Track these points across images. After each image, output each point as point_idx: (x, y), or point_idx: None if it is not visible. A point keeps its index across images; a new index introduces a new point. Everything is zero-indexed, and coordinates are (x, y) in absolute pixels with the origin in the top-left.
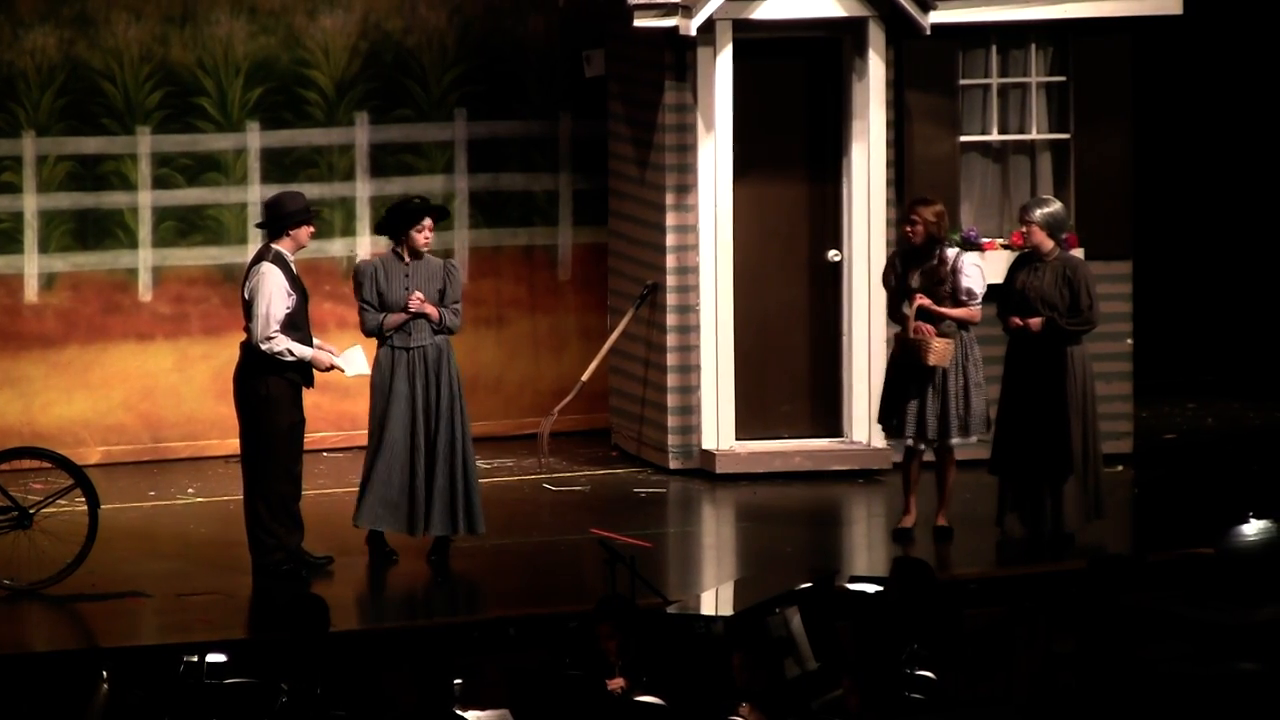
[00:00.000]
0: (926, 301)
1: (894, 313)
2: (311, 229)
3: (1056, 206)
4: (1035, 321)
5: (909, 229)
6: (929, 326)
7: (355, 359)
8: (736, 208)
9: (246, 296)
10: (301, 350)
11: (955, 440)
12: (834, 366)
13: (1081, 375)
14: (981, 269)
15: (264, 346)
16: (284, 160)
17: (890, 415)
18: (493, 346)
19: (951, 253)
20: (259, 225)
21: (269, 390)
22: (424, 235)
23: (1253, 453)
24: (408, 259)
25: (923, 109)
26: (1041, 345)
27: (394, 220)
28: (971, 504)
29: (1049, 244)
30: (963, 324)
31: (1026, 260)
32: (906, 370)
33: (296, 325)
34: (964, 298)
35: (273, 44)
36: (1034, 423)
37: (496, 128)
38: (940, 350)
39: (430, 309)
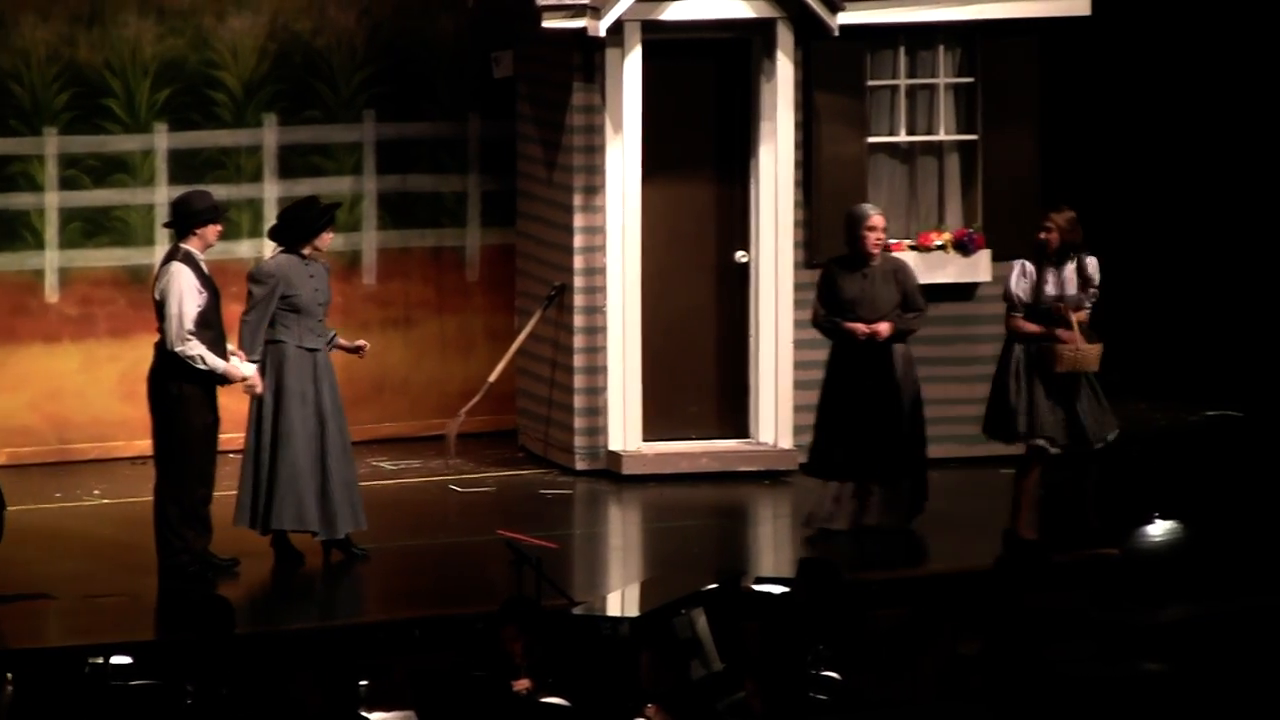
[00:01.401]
0: (1080, 314)
1: (1016, 320)
2: (219, 228)
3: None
4: (884, 327)
5: (1044, 235)
6: (1077, 334)
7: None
8: (645, 209)
9: (158, 297)
10: (214, 361)
11: (1109, 437)
12: (741, 368)
13: (905, 373)
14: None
15: (178, 349)
16: (192, 161)
17: (1024, 422)
18: (400, 347)
19: (1080, 257)
20: (166, 225)
21: (181, 391)
22: (331, 236)
23: (1158, 454)
24: (309, 260)
25: (831, 110)
26: (870, 346)
27: (308, 220)
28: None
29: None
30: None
31: (848, 265)
32: (1047, 379)
33: (209, 324)
34: (1088, 301)
35: (181, 45)
36: (863, 423)
37: (405, 129)
38: (1100, 354)
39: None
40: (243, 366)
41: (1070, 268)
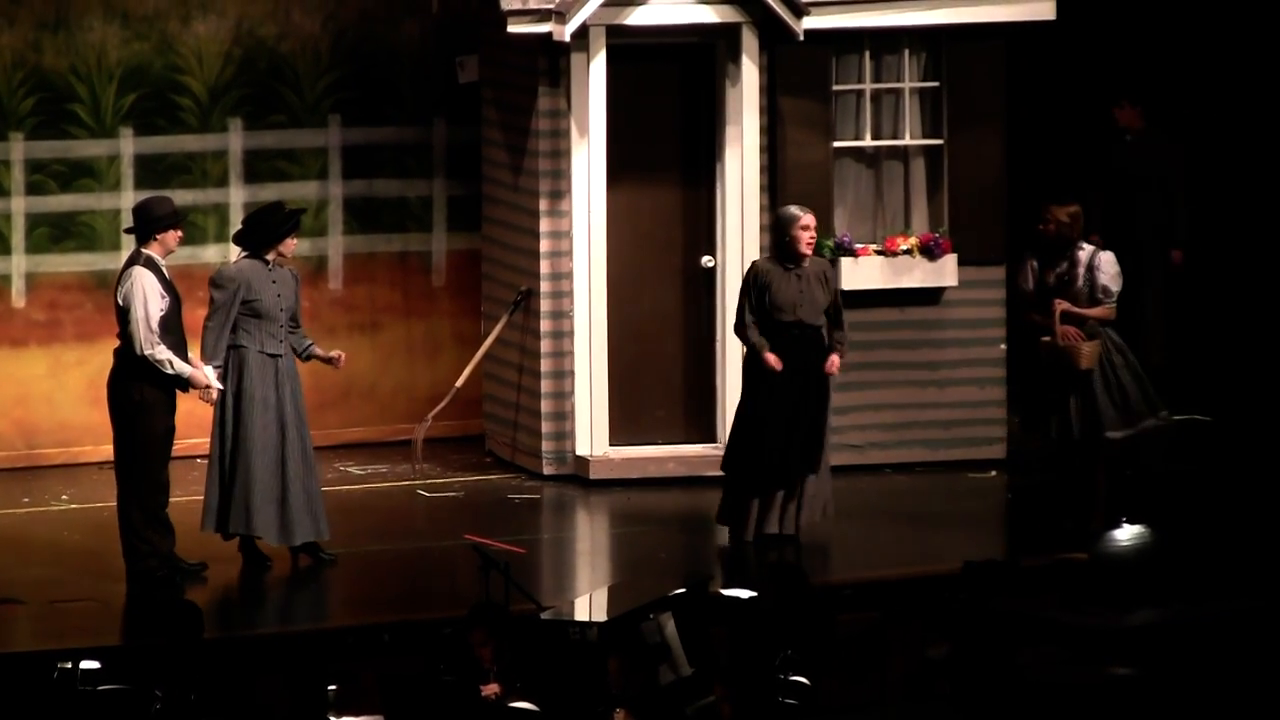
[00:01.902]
0: (1067, 306)
1: (1029, 315)
2: (180, 233)
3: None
4: (836, 362)
5: (1041, 227)
6: (1075, 330)
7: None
8: (610, 213)
9: (120, 303)
10: (181, 366)
11: (1118, 434)
12: (707, 372)
13: (827, 379)
14: (1118, 267)
15: (147, 353)
16: (157, 166)
17: (1043, 421)
18: (367, 352)
19: (1085, 252)
20: (128, 231)
21: (143, 396)
22: (295, 241)
23: (1126, 457)
24: (273, 265)
25: (796, 114)
26: (810, 351)
27: (272, 225)
28: (844, 508)
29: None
30: (1102, 322)
31: (781, 266)
32: (1053, 375)
33: (170, 329)
34: (1100, 295)
35: (146, 50)
36: (793, 426)
37: (370, 134)
38: (1090, 353)
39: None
40: (193, 376)
41: (1072, 260)
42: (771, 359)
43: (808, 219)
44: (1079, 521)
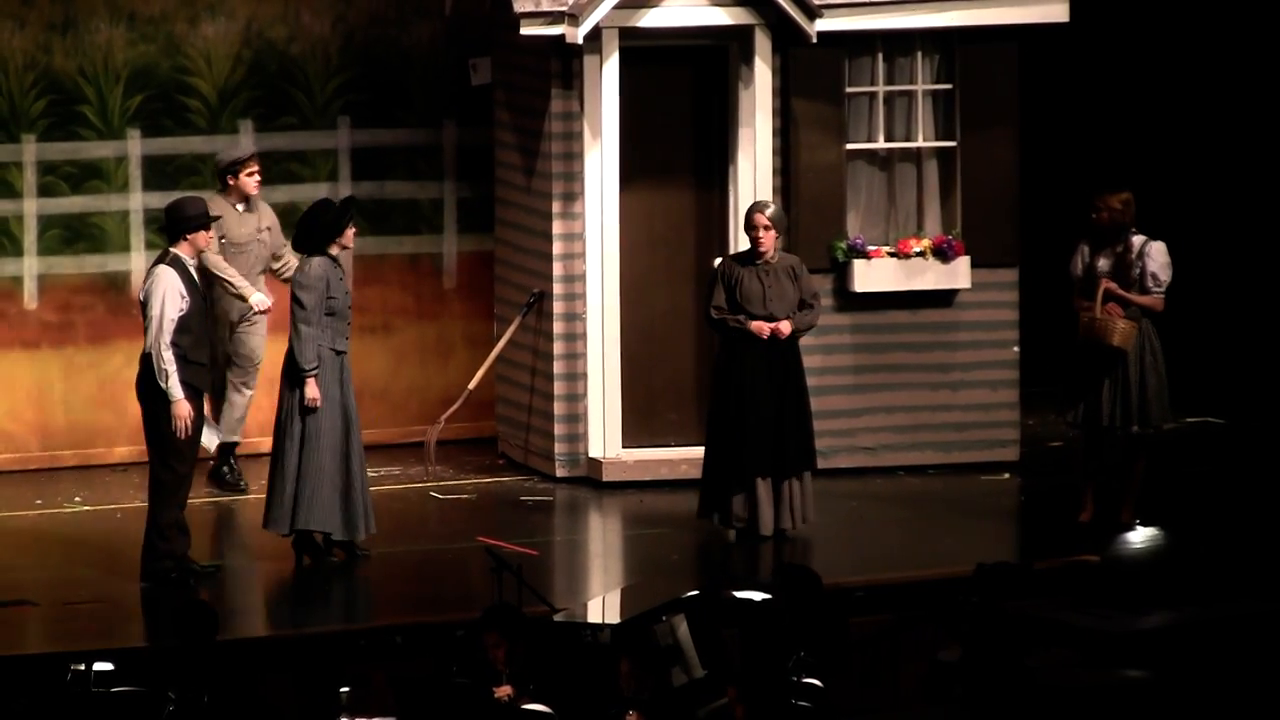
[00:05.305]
0: (1113, 285)
1: (1076, 299)
2: (210, 234)
3: (778, 206)
4: (785, 326)
5: (1094, 216)
6: (1116, 307)
7: (210, 438)
8: (623, 216)
9: (142, 299)
10: (174, 385)
11: (1134, 429)
12: None
13: (801, 368)
14: (1168, 257)
15: (153, 350)
16: (166, 168)
17: (1071, 405)
18: (379, 354)
19: (1139, 240)
20: (160, 229)
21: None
22: (354, 230)
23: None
24: (337, 262)
25: (809, 117)
26: (778, 343)
27: (330, 221)
28: (857, 510)
29: (776, 242)
30: (1146, 311)
31: (744, 261)
32: (1085, 358)
33: (188, 329)
34: (1149, 284)
35: (152, 51)
36: (778, 420)
37: (381, 135)
38: (1125, 331)
39: None
40: (177, 404)
41: (1126, 247)
42: (758, 325)
43: (758, 217)
44: (1105, 513)
